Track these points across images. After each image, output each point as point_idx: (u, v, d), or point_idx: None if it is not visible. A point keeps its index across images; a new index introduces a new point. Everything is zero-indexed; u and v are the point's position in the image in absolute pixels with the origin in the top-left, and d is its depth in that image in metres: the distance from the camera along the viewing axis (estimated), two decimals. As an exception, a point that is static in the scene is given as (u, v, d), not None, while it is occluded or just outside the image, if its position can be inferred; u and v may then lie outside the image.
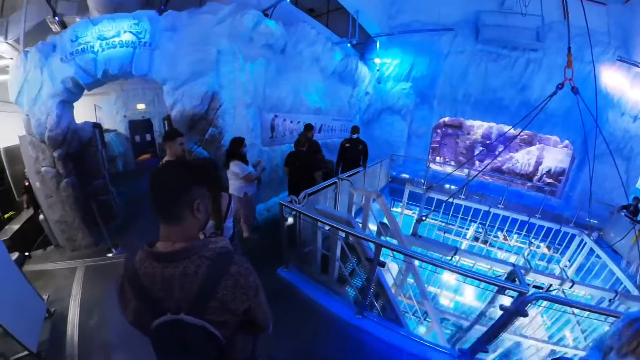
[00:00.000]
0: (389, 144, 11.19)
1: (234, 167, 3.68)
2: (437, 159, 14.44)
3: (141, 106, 10.37)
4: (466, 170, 8.76)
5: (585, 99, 4.78)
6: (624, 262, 5.66)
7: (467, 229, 7.52)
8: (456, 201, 6.93)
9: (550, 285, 3.95)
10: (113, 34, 4.63)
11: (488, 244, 7.11)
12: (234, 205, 2.38)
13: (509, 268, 3.67)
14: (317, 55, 6.79)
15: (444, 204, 6.22)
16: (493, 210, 6.77)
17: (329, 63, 7.47)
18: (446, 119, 12.90)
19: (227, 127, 4.53)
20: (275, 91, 5.59)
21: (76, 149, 4.97)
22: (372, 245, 2.52)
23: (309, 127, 5.29)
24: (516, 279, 2.04)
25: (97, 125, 5.45)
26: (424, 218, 5.05)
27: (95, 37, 4.69)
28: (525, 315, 1.89)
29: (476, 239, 7.34)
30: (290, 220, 3.03)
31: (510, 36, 9.11)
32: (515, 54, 9.42)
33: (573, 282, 3.81)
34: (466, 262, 4.50)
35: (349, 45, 7.95)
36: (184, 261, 0.87)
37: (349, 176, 4.35)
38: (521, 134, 12.57)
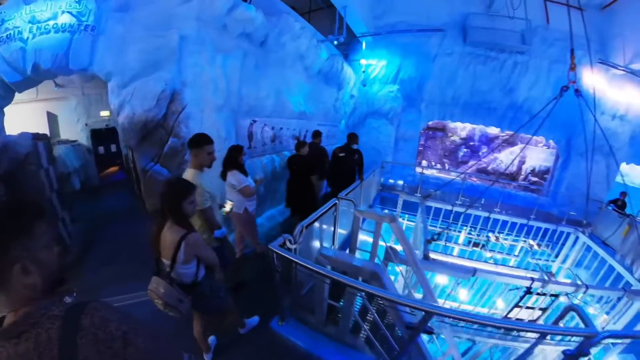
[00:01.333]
0: (376, 150, 10.64)
1: (231, 177, 3.14)
2: (424, 162, 14.18)
3: (105, 113, 8.96)
4: (453, 174, 8.63)
5: (569, 100, 5.04)
6: (618, 255, 5.80)
7: (459, 232, 7.29)
8: (456, 209, 6.67)
9: (567, 293, 3.84)
10: (48, 16, 3.63)
11: (480, 246, 6.92)
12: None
13: (528, 282, 3.59)
14: (301, 52, 5.98)
15: (442, 213, 6.28)
16: (493, 216, 6.62)
17: (314, 61, 6.69)
18: (430, 122, 12.72)
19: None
20: (254, 91, 4.69)
21: (7, 168, 3.84)
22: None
23: (316, 134, 5.51)
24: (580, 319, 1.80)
25: (40, 137, 4.28)
26: (435, 238, 4.66)
27: (26, 21, 3.68)
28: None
29: (469, 242, 7.10)
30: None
31: (497, 39, 9.11)
32: (503, 57, 9.48)
33: (587, 287, 3.73)
34: (485, 276, 4.04)
35: (335, 43, 7.22)
36: (33, 329, 0.72)
37: (347, 193, 3.70)
38: (503, 135, 13.16)
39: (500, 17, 8.95)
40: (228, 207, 2.84)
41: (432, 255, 4.69)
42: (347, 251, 3.56)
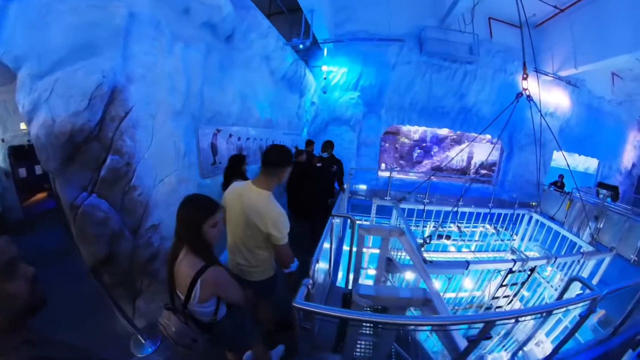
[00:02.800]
0: (339, 157, 10.48)
1: None
2: (382, 165, 14.71)
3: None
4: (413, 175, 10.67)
5: (508, 101, 5.30)
6: (566, 226, 6.89)
7: (424, 228, 7.70)
8: (427, 207, 7.10)
9: (536, 266, 4.59)
10: None
11: (444, 237, 7.42)
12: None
13: (510, 264, 4.16)
14: (268, 53, 5.30)
15: (415, 213, 6.87)
16: (460, 209, 7.10)
17: (280, 65, 6.05)
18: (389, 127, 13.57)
19: (141, 152, 2.55)
20: (218, 94, 3.88)
21: None
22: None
23: (309, 142, 5.71)
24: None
25: None
26: (427, 241, 4.80)
27: None
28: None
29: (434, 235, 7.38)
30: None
31: (450, 50, 9.84)
32: (455, 66, 10.35)
33: (556, 257, 4.59)
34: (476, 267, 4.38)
35: (301, 47, 6.69)
36: None
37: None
38: (451, 134, 14.35)
39: (452, 31, 9.80)
40: None
41: (427, 256, 4.82)
42: (332, 267, 3.26)
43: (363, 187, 10.69)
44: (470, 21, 9.31)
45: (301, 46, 6.61)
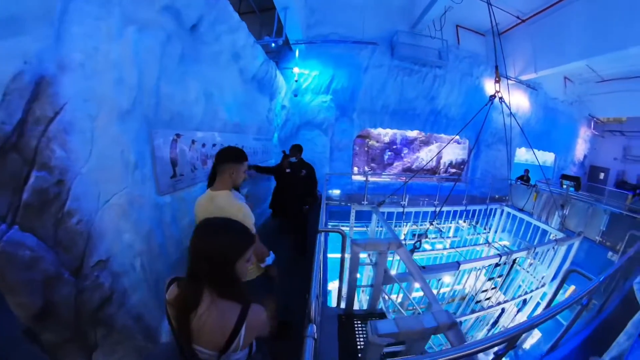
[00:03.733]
0: (312, 162, 10.25)
1: None
2: (355, 169, 14.83)
3: None
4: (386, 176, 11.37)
5: (478, 104, 5.71)
6: (535, 215, 7.59)
7: (400, 229, 8.01)
8: (407, 209, 7.23)
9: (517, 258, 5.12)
10: None
11: (423, 236, 7.74)
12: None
13: (496, 259, 4.55)
14: (238, 49, 4.80)
15: (394, 215, 7.02)
16: (438, 209, 7.34)
17: (250, 63, 5.57)
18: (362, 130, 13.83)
19: (77, 165, 1.94)
20: (179, 91, 3.30)
21: None
22: None
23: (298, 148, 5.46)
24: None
25: None
26: (417, 246, 4.89)
27: None
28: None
29: (413, 235, 7.81)
30: None
31: (420, 54, 10.30)
32: (425, 70, 10.91)
33: (535, 247, 5.11)
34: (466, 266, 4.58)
35: (273, 45, 6.28)
36: None
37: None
38: (420, 136, 14.96)
39: (422, 36, 10.29)
40: None
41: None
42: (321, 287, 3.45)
43: (337, 192, 10.50)
44: (439, 28, 9.97)
45: (273, 45, 6.23)
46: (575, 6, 8.59)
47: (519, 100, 12.10)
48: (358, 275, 2.93)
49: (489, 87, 11.78)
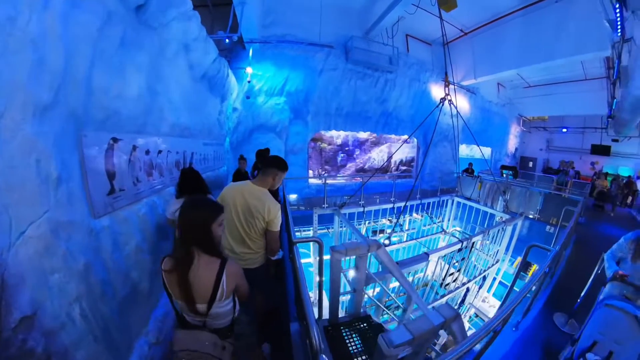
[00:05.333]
0: None
1: None
2: (310, 172, 14.58)
3: None
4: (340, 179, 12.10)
5: (425, 106, 6.50)
6: (482, 202, 8.53)
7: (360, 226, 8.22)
8: (367, 208, 7.39)
9: (475, 241, 5.66)
10: None
11: (379, 232, 8.17)
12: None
13: (459, 245, 5.01)
14: (189, 41, 4.16)
15: (355, 215, 7.10)
16: (396, 205, 7.84)
17: (201, 59, 4.92)
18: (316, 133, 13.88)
19: None
20: (117, 84, 2.61)
21: None
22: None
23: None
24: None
25: None
26: (387, 242, 5.19)
27: None
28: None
29: (373, 232, 8.20)
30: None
31: (372, 59, 10.67)
32: (377, 74, 11.35)
33: (489, 230, 5.83)
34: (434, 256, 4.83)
35: (227, 41, 5.69)
36: None
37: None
38: (371, 137, 15.70)
39: (375, 43, 10.66)
40: None
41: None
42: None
43: (294, 196, 10.16)
44: (392, 36, 10.50)
45: (227, 40, 5.66)
46: (511, 23, 10.00)
47: (460, 103, 13.13)
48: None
49: (435, 91, 12.85)
